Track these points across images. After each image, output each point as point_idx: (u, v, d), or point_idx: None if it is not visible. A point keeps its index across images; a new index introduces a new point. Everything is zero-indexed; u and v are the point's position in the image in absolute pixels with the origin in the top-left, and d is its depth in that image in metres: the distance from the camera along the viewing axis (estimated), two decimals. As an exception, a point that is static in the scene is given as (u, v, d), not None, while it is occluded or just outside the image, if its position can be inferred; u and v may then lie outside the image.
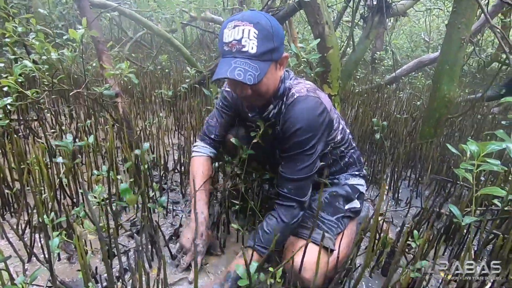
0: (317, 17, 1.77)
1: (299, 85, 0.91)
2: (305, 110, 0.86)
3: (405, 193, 1.47)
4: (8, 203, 1.14)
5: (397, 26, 7.26)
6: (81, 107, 2.13)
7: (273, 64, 0.84)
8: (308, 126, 0.85)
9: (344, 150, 1.04)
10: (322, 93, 0.94)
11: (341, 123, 1.02)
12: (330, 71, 1.83)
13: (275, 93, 0.90)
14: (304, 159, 0.87)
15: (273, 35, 0.80)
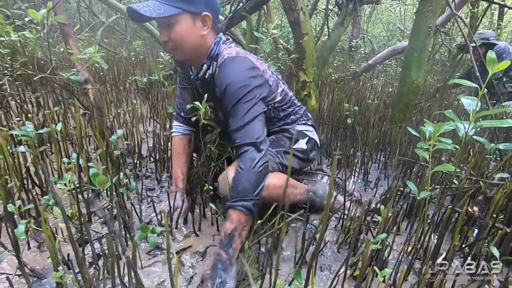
0: (292, 3, 1.77)
1: (231, 49, 0.99)
2: (234, 66, 0.94)
3: (375, 175, 1.55)
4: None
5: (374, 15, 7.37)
6: (49, 94, 2.03)
7: (188, 15, 0.91)
8: (239, 78, 0.93)
9: (286, 108, 1.15)
10: (252, 57, 1.01)
11: (280, 86, 1.12)
12: (305, 57, 1.86)
13: (205, 52, 0.99)
14: (244, 107, 0.92)
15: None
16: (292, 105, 1.18)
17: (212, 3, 0.94)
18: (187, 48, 0.96)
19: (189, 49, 0.96)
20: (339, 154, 1.48)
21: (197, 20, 0.93)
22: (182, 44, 0.94)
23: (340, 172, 1.46)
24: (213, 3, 0.94)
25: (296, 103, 1.21)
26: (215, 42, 0.99)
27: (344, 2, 2.23)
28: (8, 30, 1.23)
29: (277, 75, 1.14)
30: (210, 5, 0.94)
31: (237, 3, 2.28)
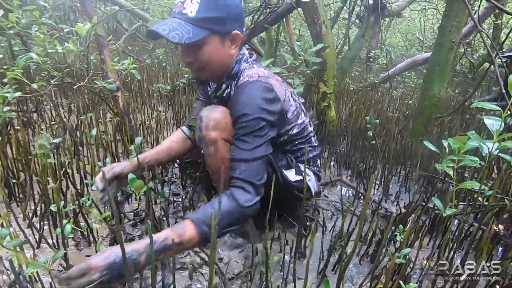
0: (314, 16, 1.82)
1: (252, 69, 0.91)
2: (252, 94, 0.85)
3: (395, 188, 1.55)
4: (14, 192, 1.17)
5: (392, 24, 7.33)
6: (80, 100, 2.15)
7: (216, 36, 0.84)
8: (255, 109, 0.83)
9: (298, 144, 1.05)
10: (276, 81, 0.93)
11: (301, 117, 1.02)
12: (326, 69, 1.89)
13: (226, 72, 0.91)
14: (255, 141, 0.83)
15: (219, 5, 0.80)
16: (306, 143, 1.07)
17: (241, 19, 0.87)
18: (215, 69, 0.90)
19: (217, 69, 0.90)
20: (361, 166, 1.49)
21: (226, 40, 0.86)
22: (209, 65, 0.88)
23: (360, 183, 1.47)
24: (242, 18, 0.87)
25: (312, 142, 1.10)
26: (237, 59, 0.92)
27: (365, 15, 2.25)
28: (51, 41, 1.33)
29: (300, 104, 1.05)
30: (240, 22, 0.86)
31: (259, 14, 2.36)
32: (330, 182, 1.49)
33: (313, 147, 1.10)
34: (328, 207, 1.37)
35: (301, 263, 1.00)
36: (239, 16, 0.85)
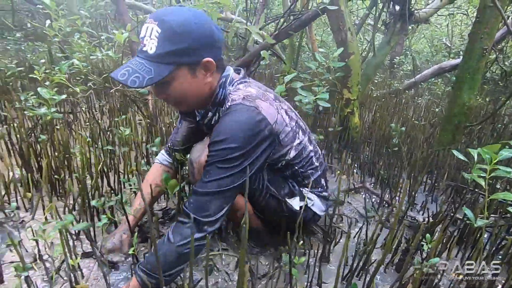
0: (340, 23, 1.83)
1: (238, 91, 0.83)
2: (233, 119, 0.76)
3: (421, 197, 1.52)
4: (55, 188, 1.26)
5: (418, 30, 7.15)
6: (112, 103, 2.27)
7: (185, 68, 0.75)
8: (232, 137, 0.74)
9: (298, 168, 0.96)
10: (265, 101, 0.82)
11: (298, 138, 0.92)
12: (350, 76, 1.89)
13: (210, 99, 0.85)
14: (215, 172, 0.75)
15: (181, 36, 0.71)
16: (306, 166, 0.98)
17: (212, 43, 0.76)
18: (192, 101, 0.84)
19: (195, 101, 0.84)
20: (385, 173, 1.48)
21: (198, 69, 0.78)
22: (185, 99, 0.81)
23: (384, 191, 1.46)
24: (213, 41, 0.76)
25: (313, 163, 0.99)
26: (220, 84, 0.84)
27: (391, 22, 2.24)
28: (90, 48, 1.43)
29: (298, 122, 0.94)
30: (210, 47, 0.77)
31: (282, 21, 2.39)
32: (353, 189, 1.48)
33: (314, 168, 1.00)
34: (351, 213, 1.36)
35: (325, 268, 1.01)
36: (208, 41, 0.75)
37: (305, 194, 0.99)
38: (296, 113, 0.99)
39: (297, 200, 0.97)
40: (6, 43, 4.90)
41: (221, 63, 0.83)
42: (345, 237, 1.13)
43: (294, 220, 0.89)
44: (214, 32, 0.76)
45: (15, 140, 1.39)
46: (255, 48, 2.46)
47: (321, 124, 2.16)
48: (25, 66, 2.63)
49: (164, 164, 1.11)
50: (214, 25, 0.77)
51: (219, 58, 0.81)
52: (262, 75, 3.70)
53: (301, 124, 0.97)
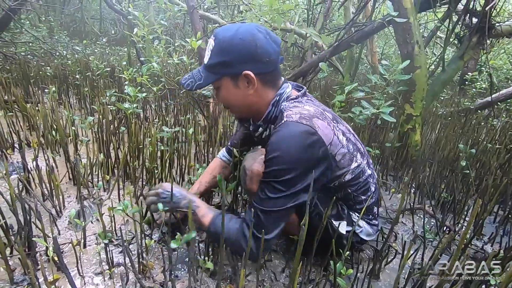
0: (407, 36, 1.76)
1: (295, 108, 0.83)
2: (288, 137, 0.76)
3: (490, 228, 1.37)
4: (128, 175, 1.44)
5: (496, 44, 6.40)
6: (178, 104, 2.49)
7: (228, 78, 0.84)
8: (287, 156, 0.75)
9: (351, 192, 0.92)
10: (323, 120, 0.82)
11: (356, 161, 0.89)
12: (414, 90, 1.80)
13: (262, 112, 0.89)
14: (271, 191, 0.78)
15: (226, 50, 0.80)
16: (361, 190, 0.94)
17: (254, 58, 0.81)
18: (239, 109, 0.91)
19: (240, 110, 0.91)
20: (447, 197, 1.37)
21: (240, 81, 0.84)
22: (230, 105, 0.90)
23: (446, 215, 1.35)
24: (254, 56, 0.80)
25: (369, 189, 0.95)
26: (273, 102, 0.87)
27: (466, 35, 2.07)
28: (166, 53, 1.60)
29: (357, 145, 0.92)
30: (252, 61, 0.81)
31: (344, 33, 2.38)
32: (410, 209, 1.40)
33: (369, 194, 0.96)
34: (406, 234, 1.29)
35: (374, 284, 0.97)
36: (248, 56, 0.80)
37: (354, 219, 0.95)
38: (355, 135, 0.96)
39: (344, 224, 0.93)
40: (94, 47, 5.70)
41: (269, 79, 0.86)
42: (399, 257, 1.08)
43: (339, 242, 0.89)
44: (257, 48, 0.80)
45: (99, 129, 1.62)
46: (313, 58, 2.48)
47: (377, 139, 2.08)
48: (108, 67, 3.04)
49: (223, 160, 1.21)
50: (266, 42, 0.81)
51: (264, 73, 0.84)
52: (317, 86, 3.69)
53: (359, 147, 0.94)
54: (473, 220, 0.75)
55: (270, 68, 0.84)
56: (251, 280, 0.95)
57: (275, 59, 0.84)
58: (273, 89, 0.88)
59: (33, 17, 6.08)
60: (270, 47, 0.82)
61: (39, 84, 2.71)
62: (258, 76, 0.83)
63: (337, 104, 1.56)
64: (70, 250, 1.00)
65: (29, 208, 0.92)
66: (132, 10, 2.10)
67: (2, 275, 0.87)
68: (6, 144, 1.60)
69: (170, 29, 5.98)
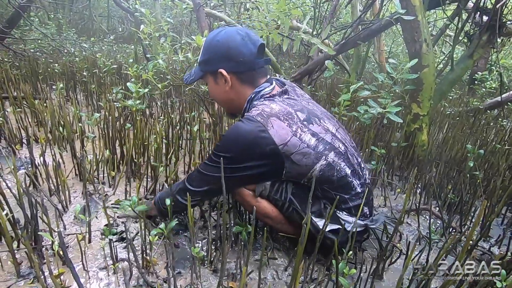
0: (415, 34, 1.74)
1: (261, 106, 0.89)
2: (237, 127, 0.85)
3: (497, 231, 1.34)
4: (133, 171, 1.45)
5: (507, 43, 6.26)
6: (182, 101, 2.50)
7: (210, 75, 0.95)
8: (229, 139, 0.86)
9: (329, 190, 0.93)
10: (281, 122, 0.85)
11: (327, 159, 0.88)
12: (422, 90, 1.77)
13: (239, 110, 0.98)
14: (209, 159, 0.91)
15: (207, 50, 0.92)
16: (343, 190, 0.93)
17: (227, 57, 0.89)
18: (221, 103, 1.04)
19: (223, 104, 1.03)
20: (454, 198, 1.35)
21: (218, 78, 0.93)
22: (215, 100, 1.04)
23: (452, 216, 1.33)
24: (229, 56, 0.88)
25: (353, 188, 0.94)
26: (249, 99, 0.94)
27: (476, 33, 2.03)
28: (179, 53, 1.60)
29: (333, 144, 0.91)
30: (225, 60, 0.89)
31: (351, 31, 2.35)
32: (415, 209, 1.38)
33: (355, 194, 0.95)
34: (411, 235, 1.28)
35: (378, 284, 0.96)
36: (224, 55, 0.89)
37: (340, 215, 0.95)
38: (341, 136, 0.96)
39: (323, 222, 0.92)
40: (101, 44, 5.75)
41: (245, 77, 0.93)
42: (404, 258, 1.07)
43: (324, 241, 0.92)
44: (230, 49, 0.88)
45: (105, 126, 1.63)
46: (319, 57, 2.46)
47: (384, 138, 2.06)
48: (115, 64, 3.06)
49: None
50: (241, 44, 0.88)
51: (238, 72, 0.91)
52: (324, 84, 3.67)
53: (338, 146, 0.92)
54: (479, 221, 0.74)
55: (244, 68, 0.91)
56: (253, 278, 0.95)
57: (249, 59, 0.90)
58: (251, 87, 0.95)
59: (42, 15, 6.16)
60: (245, 48, 0.89)
61: (47, 80, 2.74)
62: (232, 74, 0.92)
63: (342, 103, 1.54)
64: (75, 244, 1.01)
65: (35, 203, 0.93)
66: (139, 7, 2.11)
67: (10, 268, 0.89)
68: (14, 140, 1.63)
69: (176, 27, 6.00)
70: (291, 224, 1.01)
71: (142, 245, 0.92)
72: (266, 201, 0.98)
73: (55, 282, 0.67)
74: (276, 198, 0.96)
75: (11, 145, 1.55)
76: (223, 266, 0.79)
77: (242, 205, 1.06)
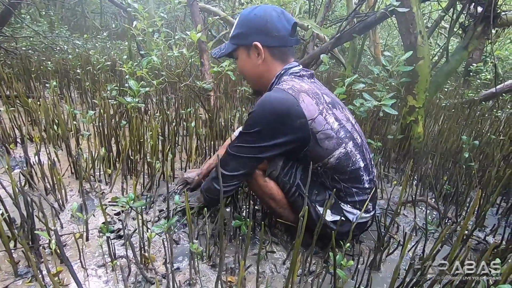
0: (410, 26, 1.73)
1: (291, 82, 0.90)
2: (268, 98, 0.84)
3: (492, 220, 1.36)
4: (129, 167, 1.45)
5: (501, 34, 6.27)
6: (178, 97, 2.48)
7: (243, 49, 0.95)
8: (260, 113, 0.84)
9: (340, 181, 0.93)
10: (311, 99, 0.86)
11: (346, 148, 0.89)
12: (417, 82, 1.78)
13: (267, 85, 0.97)
14: (240, 140, 0.88)
15: (242, 24, 0.93)
16: (352, 183, 0.94)
17: (263, 31, 0.90)
18: (250, 78, 1.01)
19: (252, 79, 1.00)
20: (449, 189, 1.36)
21: (251, 52, 0.94)
22: (245, 75, 1.01)
23: (448, 207, 1.34)
24: (265, 30, 0.90)
25: (362, 182, 0.94)
26: (278, 74, 0.94)
27: (471, 25, 2.03)
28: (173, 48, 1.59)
29: (352, 134, 0.92)
30: (261, 33, 0.91)
31: (346, 24, 2.34)
32: (412, 201, 1.40)
33: (362, 189, 0.95)
34: (408, 226, 1.29)
35: (375, 275, 0.97)
36: (261, 29, 0.90)
37: (344, 207, 0.96)
38: (357, 128, 0.98)
39: (329, 212, 0.96)
40: (94, 41, 5.68)
41: (277, 53, 0.94)
42: (400, 249, 1.08)
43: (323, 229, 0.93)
44: (267, 23, 0.90)
45: (100, 123, 1.62)
46: (314, 50, 2.45)
47: (380, 131, 2.06)
48: (109, 61, 3.03)
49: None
50: (277, 20, 0.90)
51: (272, 46, 0.92)
52: (320, 78, 3.66)
53: (356, 137, 0.94)
54: (473, 210, 0.75)
55: (278, 43, 0.92)
56: (252, 271, 0.96)
57: (284, 35, 0.91)
58: (282, 63, 0.95)
59: (34, 12, 6.05)
60: (280, 24, 0.90)
61: (40, 79, 2.71)
62: (266, 48, 0.92)
63: (338, 97, 1.54)
64: (73, 243, 1.01)
65: (31, 202, 0.92)
66: (131, 2, 2.08)
67: (7, 268, 0.88)
68: (8, 139, 1.61)
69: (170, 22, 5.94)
70: (293, 211, 1.01)
71: (140, 242, 0.92)
72: (273, 182, 0.98)
73: (53, 280, 0.67)
74: (285, 181, 0.96)
75: (5, 145, 1.53)
76: (222, 261, 0.79)
77: (248, 184, 1.04)
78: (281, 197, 0.99)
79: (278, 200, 0.99)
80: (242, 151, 0.89)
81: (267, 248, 1.05)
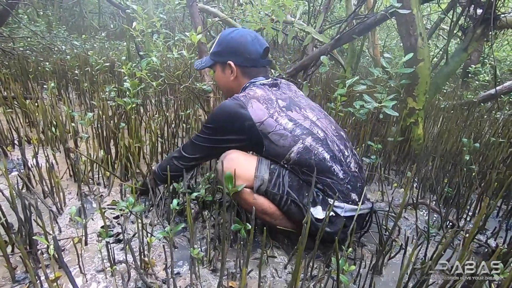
0: (410, 28, 1.73)
1: (247, 90, 1.04)
2: (222, 104, 1.00)
3: (493, 223, 1.36)
4: (127, 170, 1.43)
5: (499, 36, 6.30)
6: (177, 99, 2.47)
7: (219, 65, 1.10)
8: (214, 114, 1.01)
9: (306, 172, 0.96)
10: (261, 104, 0.98)
11: (304, 143, 0.95)
12: (417, 84, 1.77)
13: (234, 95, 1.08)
14: (200, 131, 1.05)
15: (221, 43, 1.08)
16: (323, 174, 0.96)
17: (237, 52, 1.05)
18: (223, 89, 1.16)
19: (225, 90, 1.16)
20: (450, 191, 1.36)
21: (226, 68, 1.09)
22: (219, 85, 1.16)
23: (449, 210, 1.34)
24: (238, 51, 1.04)
25: (334, 173, 0.97)
26: (243, 87, 1.09)
27: (470, 27, 2.03)
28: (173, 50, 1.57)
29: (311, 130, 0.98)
30: (235, 54, 1.05)
31: (345, 25, 2.34)
32: (412, 204, 1.39)
33: (338, 179, 0.97)
34: (409, 229, 1.28)
35: (377, 280, 0.97)
36: (235, 51, 1.05)
37: (330, 202, 0.96)
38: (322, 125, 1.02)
39: (319, 209, 0.96)
40: (93, 42, 5.66)
41: (247, 71, 1.08)
42: (402, 252, 1.08)
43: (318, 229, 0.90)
44: (242, 46, 1.04)
45: (99, 125, 1.60)
46: (314, 52, 2.45)
47: (380, 133, 2.06)
48: (108, 62, 3.01)
49: None
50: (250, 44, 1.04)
51: (243, 66, 1.07)
52: (319, 79, 3.66)
53: (317, 134, 0.99)
54: (480, 219, 0.74)
55: (249, 63, 1.06)
56: (253, 276, 0.95)
57: (255, 58, 1.06)
58: (250, 79, 1.09)
59: (31, 12, 6.02)
60: (253, 48, 1.05)
61: (38, 79, 2.69)
62: (238, 67, 1.07)
63: (338, 98, 1.54)
64: (71, 247, 0.99)
65: (29, 205, 0.91)
66: (130, 3, 2.07)
67: (4, 273, 0.87)
68: (6, 141, 1.59)
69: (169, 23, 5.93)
70: (289, 219, 1.01)
71: (140, 246, 0.91)
72: (263, 197, 0.99)
73: (51, 286, 0.65)
74: (274, 193, 0.97)
75: (2, 147, 1.51)
76: (223, 266, 0.78)
77: (239, 203, 1.05)
78: (274, 210, 1.00)
79: (271, 214, 1.00)
80: (199, 140, 1.05)
81: (268, 252, 1.04)
